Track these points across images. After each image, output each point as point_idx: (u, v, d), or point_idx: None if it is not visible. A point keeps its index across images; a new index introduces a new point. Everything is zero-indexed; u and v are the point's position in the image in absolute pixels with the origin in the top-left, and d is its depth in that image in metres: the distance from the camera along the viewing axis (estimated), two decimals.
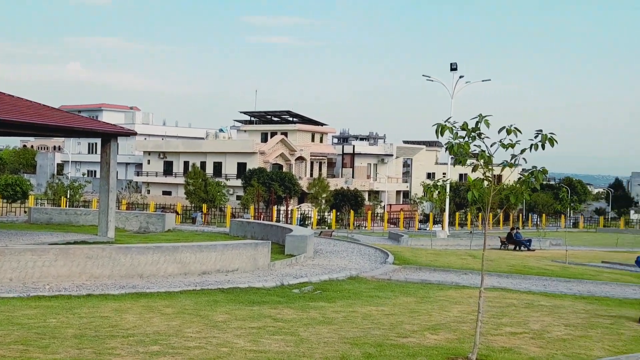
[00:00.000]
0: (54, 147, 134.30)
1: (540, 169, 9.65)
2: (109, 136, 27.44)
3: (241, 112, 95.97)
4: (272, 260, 21.52)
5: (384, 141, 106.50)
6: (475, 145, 9.80)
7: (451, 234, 53.13)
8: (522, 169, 21.26)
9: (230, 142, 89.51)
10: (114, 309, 13.28)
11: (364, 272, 21.04)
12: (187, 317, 12.57)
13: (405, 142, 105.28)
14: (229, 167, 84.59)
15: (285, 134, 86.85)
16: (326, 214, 67.03)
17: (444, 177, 53.05)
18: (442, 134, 9.69)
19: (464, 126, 9.71)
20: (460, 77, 52.89)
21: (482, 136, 9.74)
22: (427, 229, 66.43)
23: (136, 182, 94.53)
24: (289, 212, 61.06)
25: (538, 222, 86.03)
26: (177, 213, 56.50)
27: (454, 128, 9.70)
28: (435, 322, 12.91)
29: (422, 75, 54.27)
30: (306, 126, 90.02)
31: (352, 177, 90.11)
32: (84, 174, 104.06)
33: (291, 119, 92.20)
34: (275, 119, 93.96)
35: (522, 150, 9.54)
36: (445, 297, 16.68)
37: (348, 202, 71.97)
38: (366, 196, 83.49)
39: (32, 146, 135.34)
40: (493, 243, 42.35)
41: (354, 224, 64.11)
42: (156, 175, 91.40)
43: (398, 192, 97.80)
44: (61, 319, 11.98)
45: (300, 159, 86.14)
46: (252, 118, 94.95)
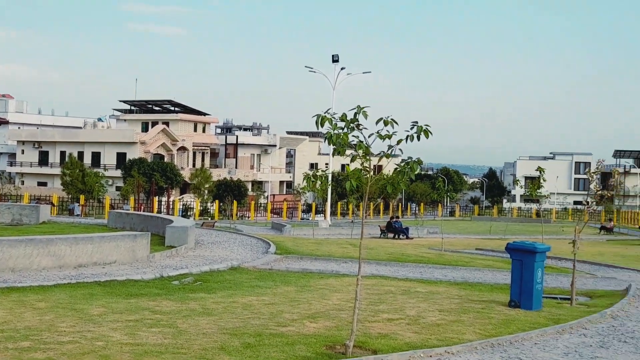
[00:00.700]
0: None
1: (416, 160, 9.87)
2: None
3: (121, 101, 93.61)
4: (151, 252, 21.15)
5: (268, 132, 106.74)
6: (353, 136, 9.92)
7: (333, 224, 53.73)
8: (401, 160, 21.72)
9: (110, 132, 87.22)
10: None
11: (246, 263, 21.02)
12: (61, 311, 12.17)
13: (289, 132, 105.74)
14: (108, 157, 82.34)
15: (166, 123, 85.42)
16: (209, 204, 66.45)
17: (326, 167, 53.61)
18: (322, 125, 9.77)
19: (343, 117, 9.82)
20: (342, 68, 53.47)
21: (360, 127, 9.87)
22: (310, 218, 66.96)
23: (9, 172, 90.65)
24: (171, 203, 60.12)
25: (416, 211, 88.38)
26: (53, 204, 54.59)
27: (333, 119, 9.79)
28: (315, 311, 13.04)
29: (305, 66, 54.41)
30: (188, 116, 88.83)
31: (236, 167, 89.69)
32: None
33: (173, 108, 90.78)
34: (157, 108, 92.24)
35: (399, 141, 9.73)
36: (325, 286, 16.88)
37: (231, 193, 71.63)
38: (249, 186, 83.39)
39: None
40: (373, 232, 43.15)
41: (237, 215, 63.87)
42: (31, 166, 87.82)
43: (281, 183, 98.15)
44: None
45: (183, 149, 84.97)
46: (133, 107, 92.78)
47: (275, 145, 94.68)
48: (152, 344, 9.55)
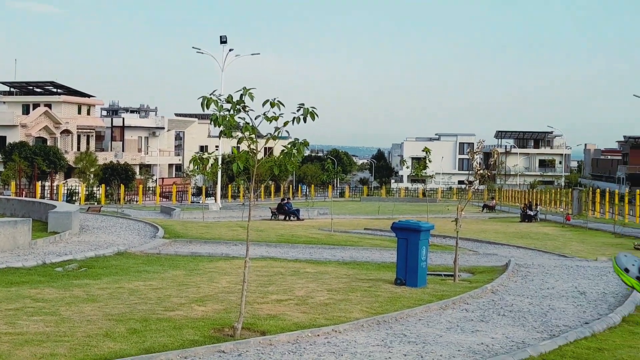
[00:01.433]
0: None
1: (302, 141, 9.94)
2: None
3: (1, 82, 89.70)
4: (33, 239, 20.47)
5: (156, 114, 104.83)
6: (240, 118, 9.88)
7: (224, 206, 53.45)
8: (289, 142, 21.77)
9: None
10: None
11: (133, 247, 20.64)
12: None
13: (178, 114, 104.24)
14: None
15: (49, 105, 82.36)
16: (95, 189, 64.80)
17: (216, 149, 53.18)
18: (208, 107, 9.68)
19: (229, 99, 9.75)
20: (230, 50, 53.08)
21: (247, 109, 9.84)
22: (200, 202, 66.38)
23: None
24: (55, 188, 58.26)
25: (307, 193, 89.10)
26: None
27: (219, 101, 9.71)
28: (204, 294, 12.96)
29: (193, 47, 53.71)
30: (72, 98, 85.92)
31: (122, 150, 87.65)
32: None
33: (55, 90, 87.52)
34: (38, 90, 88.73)
35: (285, 123, 9.76)
36: (214, 269, 16.79)
37: (118, 177, 70.16)
38: (137, 170, 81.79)
39: None
40: (264, 214, 43.22)
41: (124, 199, 62.56)
42: None
43: (170, 166, 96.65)
44: None
45: (66, 132, 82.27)
46: (12, 89, 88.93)
47: (164, 128, 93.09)
48: (33, 333, 9.26)
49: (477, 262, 19.63)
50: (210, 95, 9.71)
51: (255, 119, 9.84)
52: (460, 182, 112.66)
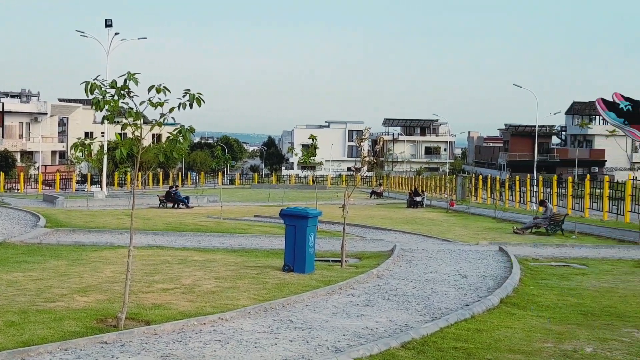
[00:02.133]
0: None
1: (188, 128, 9.81)
2: None
3: None
4: None
5: (38, 99, 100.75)
6: (124, 103, 9.65)
7: (110, 194, 52.17)
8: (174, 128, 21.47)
9: None
10: None
11: (12, 237, 19.86)
12: None
13: (62, 100, 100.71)
14: None
15: None
16: None
17: (102, 136, 51.80)
18: (91, 92, 9.42)
19: (113, 84, 9.52)
20: (116, 34, 51.66)
21: (132, 94, 9.62)
22: (85, 190, 64.54)
23: None
24: None
25: (197, 180, 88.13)
26: None
27: (102, 86, 9.45)
28: (87, 284, 12.62)
29: (76, 30, 51.85)
30: None
31: (2, 137, 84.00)
32: None
33: None
34: None
35: (171, 109, 9.61)
36: (98, 258, 16.37)
37: None
38: (18, 157, 78.68)
39: None
40: (152, 202, 42.47)
41: (4, 187, 60.11)
42: None
43: (54, 153, 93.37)
44: None
45: None
46: None
47: (47, 114, 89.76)
48: None
49: (364, 248, 19.94)
50: (93, 80, 9.44)
51: (140, 104, 9.64)
52: (349, 169, 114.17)
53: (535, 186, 46.38)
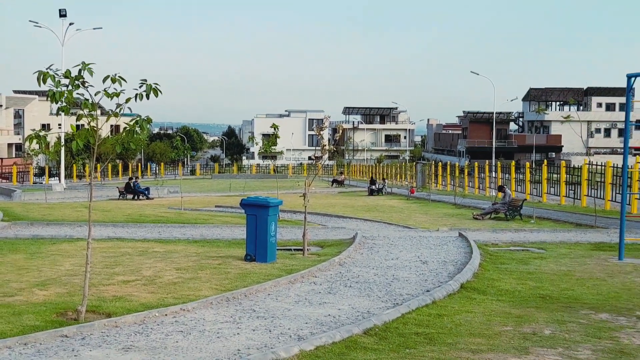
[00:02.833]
0: None
1: (145, 118, 9.71)
2: None
3: None
4: None
5: None
6: (79, 94, 9.52)
7: (69, 187, 51.50)
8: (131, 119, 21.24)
9: None
10: None
11: None
12: None
13: (16, 91, 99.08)
14: None
15: None
16: None
17: (59, 127, 51.05)
18: (44, 82, 9.25)
19: (67, 74, 9.37)
20: (70, 24, 50.83)
21: (86, 84, 9.49)
22: (43, 182, 63.62)
23: None
24: None
25: (157, 171, 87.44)
26: None
27: (56, 76, 9.30)
28: (46, 278, 12.45)
29: (29, 20, 50.92)
30: None
31: None
32: None
33: None
34: None
35: (127, 99, 9.50)
36: (57, 251, 16.15)
37: None
38: None
39: None
40: (112, 193, 42.05)
41: None
42: None
43: (10, 145, 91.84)
44: None
45: None
46: None
47: (1, 106, 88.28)
48: None
49: (326, 236, 19.97)
50: (46, 69, 9.27)
51: (96, 95, 9.52)
52: (309, 158, 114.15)
53: (494, 172, 46.88)
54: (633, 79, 15.11)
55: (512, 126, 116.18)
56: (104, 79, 9.33)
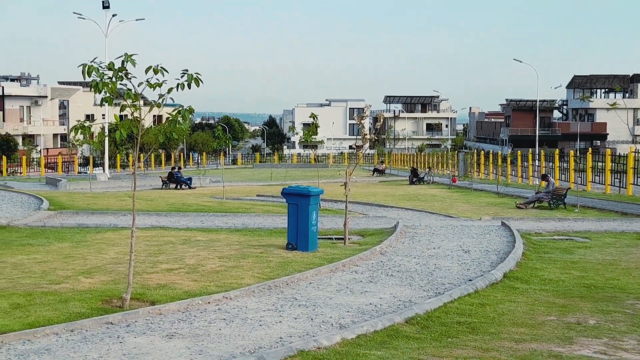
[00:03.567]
0: None
1: (187, 108, 9.79)
2: None
3: None
4: None
5: (38, 82, 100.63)
6: (122, 85, 9.63)
7: (112, 176, 52.23)
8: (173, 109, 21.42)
9: None
10: None
11: (16, 221, 19.87)
12: None
13: (61, 82, 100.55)
14: None
15: None
16: None
17: (102, 118, 51.74)
18: (89, 75, 9.38)
19: (110, 66, 9.49)
20: (114, 15, 51.51)
21: (129, 76, 9.60)
22: (88, 172, 64.59)
23: None
24: None
25: (199, 161, 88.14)
26: None
27: (100, 68, 9.42)
28: (91, 266, 12.67)
29: (74, 12, 51.64)
30: None
31: (3, 120, 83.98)
32: None
33: None
34: None
35: (169, 90, 9.58)
36: (102, 240, 16.41)
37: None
38: (20, 141, 78.71)
39: None
40: (155, 183, 42.54)
41: (7, 171, 60.22)
42: None
43: (55, 136, 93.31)
44: None
45: None
46: None
47: (47, 97, 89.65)
48: None
49: (367, 225, 19.95)
50: (91, 62, 9.40)
51: (139, 86, 9.62)
52: (350, 147, 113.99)
53: (537, 161, 46.34)
54: None
55: (556, 114, 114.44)
56: (147, 70, 9.42)
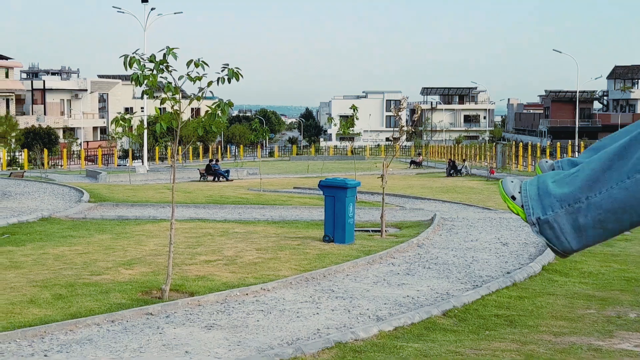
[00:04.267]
0: None
1: (226, 102, 9.86)
2: None
3: None
4: None
5: (78, 75, 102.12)
6: (162, 78, 9.73)
7: (151, 169, 52.71)
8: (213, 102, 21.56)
9: None
10: None
11: (57, 212, 20.21)
12: None
13: (101, 76, 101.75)
14: None
15: None
16: (17, 154, 63.08)
17: (141, 111, 52.28)
18: (130, 67, 9.50)
19: (152, 58, 9.59)
20: (152, 9, 51.90)
21: (170, 69, 9.70)
22: (127, 164, 65.30)
23: None
24: None
25: (236, 153, 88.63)
26: None
27: (141, 60, 9.53)
28: (131, 257, 12.85)
29: (113, 6, 52.16)
30: None
31: (44, 114, 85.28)
32: None
33: None
34: None
35: (209, 83, 9.67)
36: (142, 232, 16.61)
37: (41, 141, 68.32)
38: (61, 134, 79.88)
39: None
40: (193, 175, 42.86)
41: (48, 164, 61.15)
42: None
43: (95, 129, 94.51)
44: None
45: None
46: None
47: (87, 90, 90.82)
48: None
49: (404, 217, 19.90)
50: (132, 54, 9.51)
51: (179, 79, 9.72)
52: (387, 139, 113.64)
53: (577, 152, 45.76)
54: None
55: (596, 105, 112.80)
56: (187, 63, 9.51)
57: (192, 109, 10.27)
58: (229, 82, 9.65)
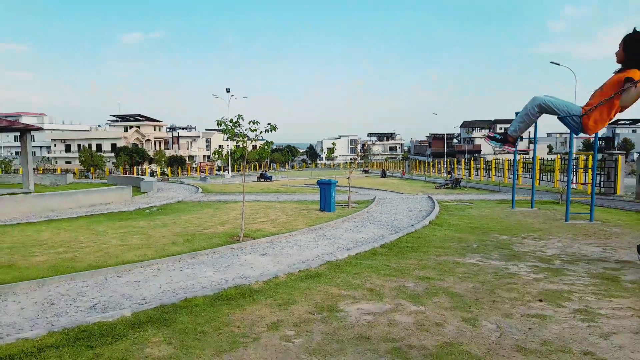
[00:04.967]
0: None
1: (269, 142, 9.81)
2: (24, 131, 22.98)
3: (111, 115, 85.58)
4: (133, 196, 19.68)
5: (195, 129, 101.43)
6: (237, 130, 9.69)
7: (232, 176, 52.48)
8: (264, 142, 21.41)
9: (106, 132, 79.67)
10: (35, 230, 11.35)
11: (186, 198, 20.06)
12: (81, 230, 11.11)
13: (207, 129, 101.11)
14: (105, 146, 75.49)
15: (138, 127, 79.16)
16: (165, 169, 62.69)
17: (227, 147, 51.92)
18: (220, 125, 9.50)
19: (231, 120, 9.56)
20: (232, 95, 51.76)
21: (240, 125, 9.65)
22: (220, 174, 64.86)
23: (48, 157, 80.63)
24: (143, 170, 56.14)
25: (275, 167, 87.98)
26: (74, 173, 49.41)
27: (224, 122, 9.52)
28: (223, 220, 12.74)
29: (212, 94, 52.17)
30: (150, 122, 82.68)
31: (179, 149, 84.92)
32: (11, 154, 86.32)
33: (141, 118, 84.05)
34: (131, 118, 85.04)
35: (260, 132, 9.62)
36: (229, 207, 16.46)
37: (177, 163, 68.02)
38: (187, 159, 79.37)
39: None
40: (253, 179, 42.54)
41: (181, 174, 60.74)
42: (60, 153, 78.85)
43: (204, 156, 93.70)
44: None
45: (148, 140, 79.29)
46: (117, 118, 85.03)
47: (199, 136, 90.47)
48: (135, 244, 8.99)
49: (360, 198, 19.75)
50: (221, 118, 9.51)
51: (245, 130, 9.69)
52: (351, 159, 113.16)
53: (445, 164, 45.60)
54: None
55: (455, 141, 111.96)
56: (250, 122, 9.47)
57: (252, 145, 10.20)
58: (271, 131, 9.60)
